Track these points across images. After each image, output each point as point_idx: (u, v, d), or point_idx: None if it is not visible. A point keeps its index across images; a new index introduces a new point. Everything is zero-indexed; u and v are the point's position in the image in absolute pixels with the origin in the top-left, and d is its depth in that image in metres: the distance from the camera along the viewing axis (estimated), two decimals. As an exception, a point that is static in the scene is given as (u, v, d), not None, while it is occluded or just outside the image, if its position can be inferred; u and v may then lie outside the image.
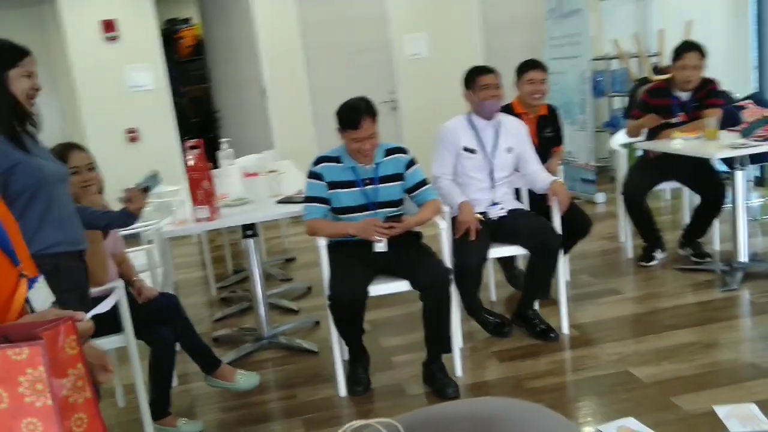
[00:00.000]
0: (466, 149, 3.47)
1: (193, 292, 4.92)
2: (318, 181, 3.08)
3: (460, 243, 3.27)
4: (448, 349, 3.05)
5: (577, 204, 3.74)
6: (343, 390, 3.05)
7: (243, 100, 7.08)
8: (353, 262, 2.98)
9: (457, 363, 3.10)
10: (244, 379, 3.00)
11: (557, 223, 3.40)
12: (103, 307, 1.31)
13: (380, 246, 2.94)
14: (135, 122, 6.57)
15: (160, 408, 2.76)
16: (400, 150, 3.16)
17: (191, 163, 3.30)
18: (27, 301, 1.16)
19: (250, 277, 3.72)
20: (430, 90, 6.85)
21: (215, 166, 3.93)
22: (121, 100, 6.46)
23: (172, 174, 6.34)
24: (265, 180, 3.89)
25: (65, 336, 0.94)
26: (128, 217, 2.53)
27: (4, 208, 1.24)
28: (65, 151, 2.61)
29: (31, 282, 1.29)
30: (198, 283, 5.19)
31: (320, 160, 3.13)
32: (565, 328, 3.43)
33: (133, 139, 6.59)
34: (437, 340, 3.00)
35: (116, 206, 2.61)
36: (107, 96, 6.42)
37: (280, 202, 3.57)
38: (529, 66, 3.87)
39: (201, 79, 8.76)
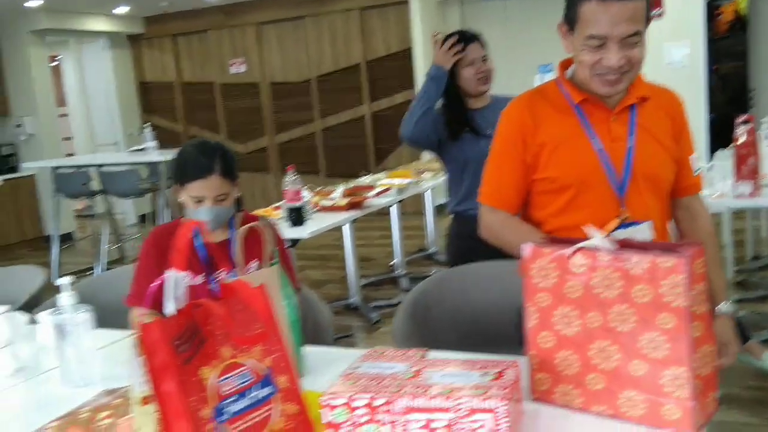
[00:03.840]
0: None
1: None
2: None
3: None
4: None
5: None
6: None
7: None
8: None
9: None
10: (774, 361, 2.92)
11: None
12: None
13: None
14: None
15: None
16: None
17: (741, 138, 3.27)
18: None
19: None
20: None
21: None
22: (655, 77, 6.59)
23: (697, 151, 6.32)
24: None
25: (697, 258, 1.17)
26: None
27: None
28: None
29: (630, 224, 1.57)
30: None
31: None
32: None
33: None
34: None
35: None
36: (643, 72, 6.63)
37: (837, 187, 3.27)
38: None
39: (735, 57, 8.29)
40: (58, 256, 6.43)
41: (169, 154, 6.25)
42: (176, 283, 1.06)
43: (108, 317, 1.98)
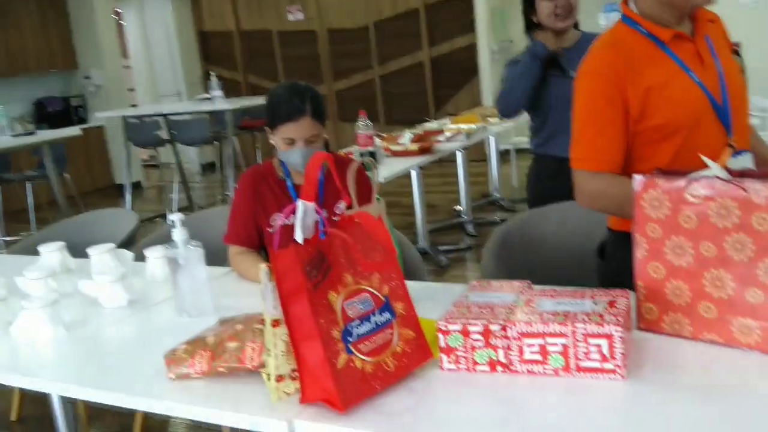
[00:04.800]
0: None
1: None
2: None
3: None
4: None
5: None
6: None
7: None
8: None
9: None
10: None
11: None
12: None
13: None
14: (739, 38, 6.39)
15: None
16: None
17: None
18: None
19: None
20: None
21: None
22: (729, 15, 6.33)
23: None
24: None
25: (818, 186, 1.15)
26: None
27: None
28: None
29: (738, 153, 1.55)
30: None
31: None
32: None
33: (734, 53, 6.44)
34: None
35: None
36: (719, 9, 6.37)
37: None
38: None
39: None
40: (130, 203, 6.67)
41: (233, 103, 6.36)
42: (306, 212, 1.11)
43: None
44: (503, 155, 6.49)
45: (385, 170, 3.72)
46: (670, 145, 1.52)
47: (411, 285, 1.71)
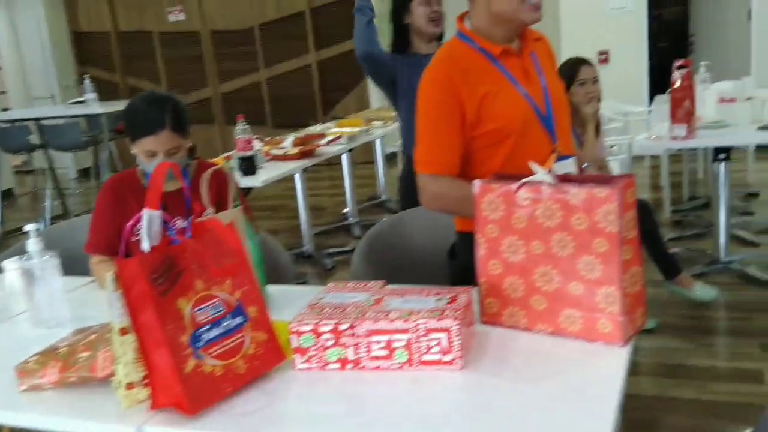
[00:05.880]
0: None
1: (646, 211, 5.11)
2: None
3: None
4: None
5: None
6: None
7: (723, 23, 6.73)
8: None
9: None
10: (702, 291, 3.15)
11: None
12: None
13: None
14: (607, 44, 6.82)
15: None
16: None
17: (678, 83, 3.43)
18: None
19: (713, 202, 3.76)
20: None
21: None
22: (599, 23, 6.75)
23: (638, 96, 6.56)
24: (746, 105, 3.81)
25: (628, 188, 1.29)
26: None
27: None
28: (576, 64, 3.02)
29: (562, 158, 1.69)
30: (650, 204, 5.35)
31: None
32: None
33: (603, 61, 6.87)
34: None
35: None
36: (587, 16, 6.75)
37: (763, 128, 3.48)
38: None
39: (677, 1, 8.52)
40: (0, 212, 6.30)
41: (109, 106, 6.14)
42: (151, 221, 1.13)
43: (64, 266, 2.02)
44: (390, 157, 6.62)
45: (265, 174, 3.73)
46: (503, 149, 1.66)
47: (274, 289, 1.77)
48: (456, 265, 1.79)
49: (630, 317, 1.30)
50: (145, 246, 1.15)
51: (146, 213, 1.14)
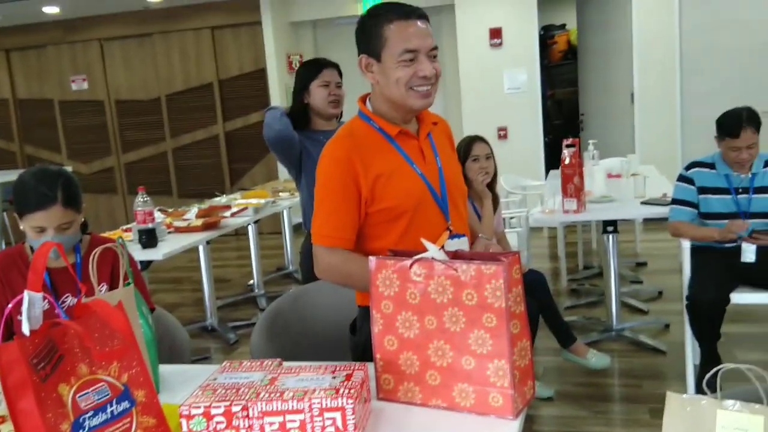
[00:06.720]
0: None
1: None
2: (688, 185, 3.19)
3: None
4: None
5: None
6: (692, 390, 3.13)
7: (609, 104, 7.24)
8: (717, 266, 3.04)
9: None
10: (596, 359, 3.28)
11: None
12: None
13: (749, 256, 2.96)
14: (506, 121, 7.19)
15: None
16: (782, 162, 3.10)
17: (567, 160, 3.65)
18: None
19: (604, 272, 3.96)
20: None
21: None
22: (497, 101, 7.13)
23: (535, 170, 6.91)
24: (631, 181, 4.09)
25: (513, 265, 1.35)
26: None
27: None
28: (470, 142, 3.18)
29: (454, 236, 1.76)
30: (548, 273, 5.56)
31: (693, 165, 3.23)
32: None
33: (502, 137, 7.22)
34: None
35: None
36: (486, 97, 7.14)
37: (645, 203, 3.73)
38: None
39: (569, 83, 9.10)
40: None
41: (3, 176, 5.89)
42: (32, 303, 1.09)
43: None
44: (298, 228, 6.62)
45: (167, 247, 3.65)
46: (398, 226, 1.71)
47: (169, 369, 1.71)
48: (357, 340, 1.80)
49: (519, 390, 1.35)
50: (26, 329, 1.10)
51: (27, 295, 1.10)
